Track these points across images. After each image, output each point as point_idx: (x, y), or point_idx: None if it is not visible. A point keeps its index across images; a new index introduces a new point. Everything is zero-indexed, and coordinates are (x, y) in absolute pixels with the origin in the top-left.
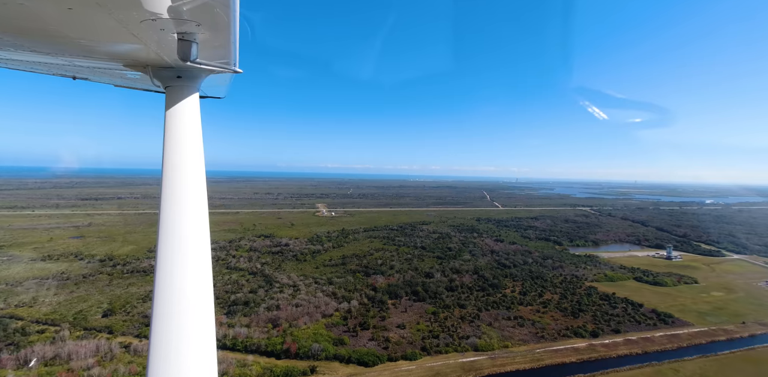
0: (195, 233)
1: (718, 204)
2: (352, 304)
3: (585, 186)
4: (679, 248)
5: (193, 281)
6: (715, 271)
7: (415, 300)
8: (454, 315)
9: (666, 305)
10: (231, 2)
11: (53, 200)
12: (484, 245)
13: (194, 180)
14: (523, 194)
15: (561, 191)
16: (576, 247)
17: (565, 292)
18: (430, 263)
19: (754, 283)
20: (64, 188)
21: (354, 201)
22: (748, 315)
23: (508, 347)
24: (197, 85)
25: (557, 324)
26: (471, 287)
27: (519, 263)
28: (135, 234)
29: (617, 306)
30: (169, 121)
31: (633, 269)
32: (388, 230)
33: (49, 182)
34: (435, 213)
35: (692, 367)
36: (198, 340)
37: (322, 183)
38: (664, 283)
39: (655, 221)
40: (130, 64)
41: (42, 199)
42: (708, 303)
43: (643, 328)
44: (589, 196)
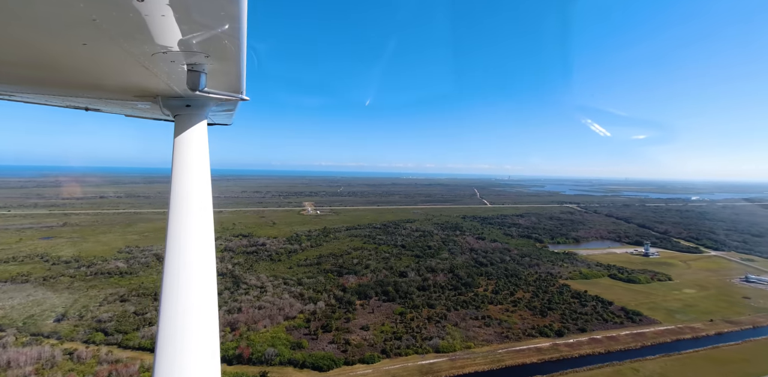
0: (201, 257)
1: (703, 201)
2: (318, 306)
3: (576, 183)
4: (658, 245)
5: (198, 307)
6: (691, 268)
7: (385, 300)
8: (422, 316)
9: (636, 302)
10: (239, 34)
11: (32, 199)
12: (464, 243)
13: (201, 207)
14: (513, 191)
15: (551, 189)
16: (556, 244)
17: (538, 290)
18: (407, 262)
19: (727, 280)
20: (47, 187)
21: (343, 199)
22: (717, 313)
23: (471, 348)
24: (205, 114)
25: (524, 324)
26: (444, 286)
27: (496, 261)
28: (108, 235)
29: (587, 304)
30: (177, 148)
31: (609, 266)
32: (371, 228)
33: (33, 181)
34: (422, 211)
35: (653, 367)
36: (203, 338)
37: (314, 181)
38: (638, 280)
39: (639, 217)
40: (140, 95)
41: (21, 198)
42: (679, 301)
43: (610, 327)
44: (578, 193)
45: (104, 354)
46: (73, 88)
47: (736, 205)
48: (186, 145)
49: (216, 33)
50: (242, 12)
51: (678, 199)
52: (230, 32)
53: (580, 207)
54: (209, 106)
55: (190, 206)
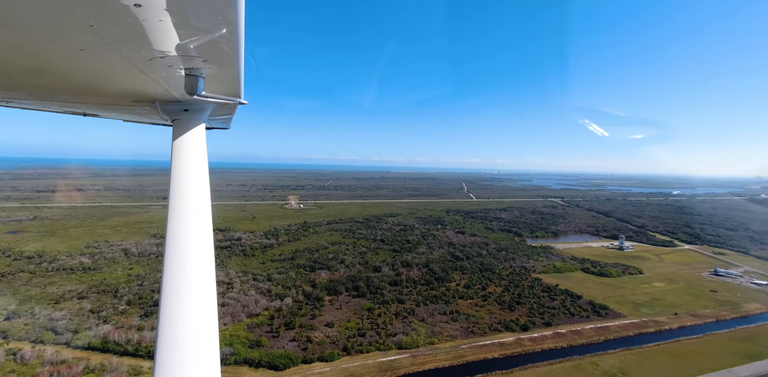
0: (200, 262)
1: (683, 195)
2: (284, 302)
3: (563, 178)
4: (634, 239)
5: (197, 309)
6: (663, 261)
7: (355, 296)
8: (390, 311)
9: (605, 296)
10: (237, 38)
11: (6, 192)
12: (443, 238)
13: (200, 210)
14: (500, 185)
15: (538, 183)
16: (535, 238)
17: (510, 284)
18: (384, 257)
19: (697, 273)
20: (24, 180)
21: (329, 193)
22: (683, 306)
23: (434, 343)
24: (203, 117)
25: (491, 318)
26: (416, 281)
27: (473, 255)
28: (78, 229)
29: (556, 298)
30: (176, 152)
31: (583, 260)
32: (352, 222)
33: (11, 173)
34: (407, 205)
35: (613, 361)
36: (202, 336)
37: (303, 175)
38: (609, 274)
39: (619, 211)
40: (138, 100)
41: None
42: (647, 294)
43: (575, 320)
44: (563, 187)
45: (50, 354)
46: (71, 93)
47: (715, 199)
48: (184, 149)
49: (214, 37)
50: (240, 16)
51: (659, 193)
52: (228, 36)
53: (563, 201)
54: (207, 110)
55: (188, 210)
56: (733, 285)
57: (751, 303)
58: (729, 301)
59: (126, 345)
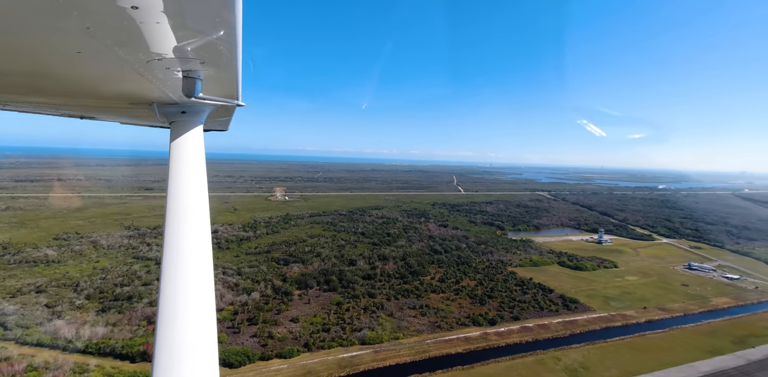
0: (198, 263)
1: (668, 189)
2: (251, 297)
3: (553, 171)
4: (614, 233)
5: (195, 314)
6: (639, 255)
7: (326, 290)
8: (359, 306)
9: (577, 290)
10: (235, 40)
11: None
12: (425, 231)
13: (197, 211)
14: (490, 178)
15: (528, 176)
16: (517, 231)
17: (484, 278)
18: (362, 250)
19: (671, 267)
20: (5, 169)
21: (317, 185)
22: (653, 300)
23: (399, 338)
24: (201, 120)
25: (461, 312)
26: (391, 275)
27: (451, 248)
28: (50, 220)
29: (528, 291)
30: (173, 154)
31: (561, 253)
32: (335, 215)
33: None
34: (394, 198)
35: (575, 356)
36: (201, 337)
37: (293, 166)
38: (585, 267)
39: (602, 205)
40: (135, 102)
41: None
42: (618, 288)
43: (544, 314)
44: (553, 181)
45: None
46: (68, 96)
47: (699, 194)
48: (182, 151)
49: (211, 39)
50: (237, 18)
51: (645, 187)
52: (225, 38)
53: (550, 195)
54: (205, 112)
55: (186, 212)
56: (705, 279)
57: (721, 297)
58: (699, 295)
59: (76, 341)
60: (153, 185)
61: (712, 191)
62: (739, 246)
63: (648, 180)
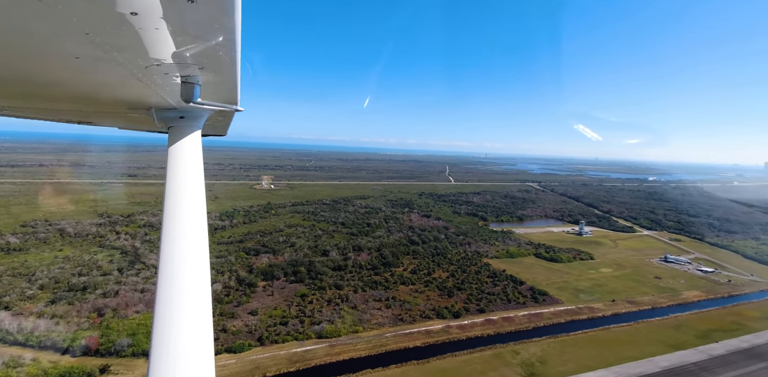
0: (194, 271)
1: (658, 181)
2: (213, 288)
3: (547, 162)
4: (597, 224)
5: (191, 303)
6: (618, 247)
7: (293, 282)
8: (324, 298)
9: (549, 282)
10: (234, 46)
11: None
12: (406, 221)
13: (195, 215)
14: (483, 169)
15: (522, 167)
16: (500, 222)
17: (457, 270)
18: (338, 240)
19: (647, 259)
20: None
21: (306, 174)
22: (623, 293)
23: (358, 332)
24: (199, 125)
25: (427, 305)
26: (363, 266)
27: (429, 239)
28: (21, 206)
29: (499, 283)
30: (171, 159)
31: (539, 245)
32: (319, 204)
33: None
34: (382, 187)
35: (534, 349)
36: (197, 335)
37: (287, 154)
38: (560, 259)
39: (590, 197)
40: (134, 107)
41: None
42: (591, 280)
43: (511, 307)
44: (545, 172)
45: None
46: (66, 102)
47: (687, 186)
48: (180, 156)
49: (210, 45)
50: (236, 24)
51: (635, 179)
52: (224, 44)
53: (540, 186)
54: (203, 117)
55: (184, 216)
56: (679, 272)
57: (692, 290)
58: (670, 288)
59: (17, 334)
60: (137, 172)
61: (700, 183)
62: (719, 239)
63: (640, 172)
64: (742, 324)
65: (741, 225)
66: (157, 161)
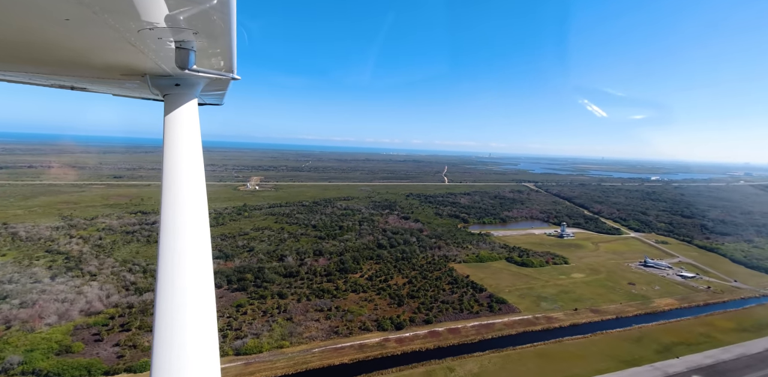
0: (195, 238)
1: (660, 181)
2: (143, 297)
3: (552, 162)
4: (582, 226)
5: (193, 283)
6: (598, 250)
7: (235, 290)
8: (261, 308)
9: (512, 288)
10: (229, 10)
11: None
12: (381, 223)
13: (193, 185)
14: (483, 169)
15: (523, 167)
16: (482, 224)
17: (418, 276)
18: (302, 244)
19: (626, 264)
20: None
21: (299, 175)
22: (589, 300)
23: (283, 347)
24: (195, 93)
25: (372, 315)
26: (317, 272)
27: (399, 243)
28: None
29: (457, 290)
30: (168, 128)
31: (514, 248)
32: (298, 206)
33: None
34: (371, 188)
35: (472, 366)
36: (201, 342)
37: (286, 155)
38: (531, 264)
39: (583, 197)
40: (127, 73)
41: None
42: (558, 286)
43: (463, 317)
44: (546, 172)
45: None
46: (57, 66)
47: (689, 186)
48: (176, 125)
49: (204, 8)
50: None
51: (637, 179)
52: (219, 8)
53: (535, 186)
54: (199, 85)
55: (181, 187)
56: (657, 277)
57: (666, 297)
58: (642, 295)
59: None
60: (125, 173)
61: (705, 183)
62: (708, 242)
63: (644, 171)
64: (711, 336)
65: (735, 227)
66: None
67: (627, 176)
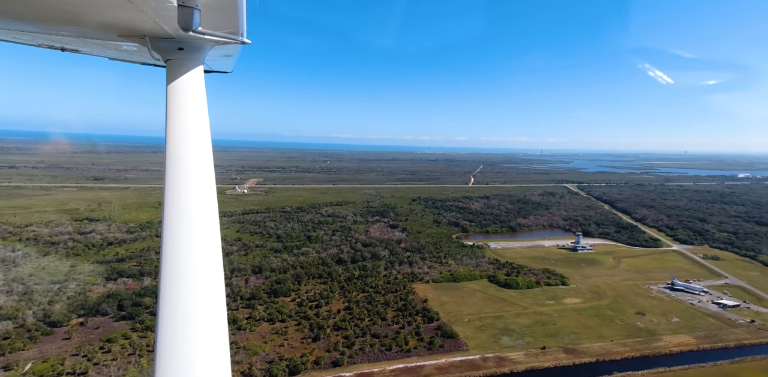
0: (201, 220)
1: (747, 179)
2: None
3: (616, 158)
4: (611, 236)
5: (200, 269)
6: (618, 267)
7: (121, 319)
8: (134, 344)
9: (475, 317)
10: None
11: None
12: (360, 233)
13: (200, 161)
14: (524, 168)
15: (577, 165)
16: (485, 234)
17: (363, 300)
18: (250, 259)
19: (646, 286)
20: None
21: (305, 176)
22: (569, 336)
23: None
24: (201, 58)
25: (271, 354)
26: (240, 294)
27: (365, 257)
28: None
29: (401, 320)
30: (171, 98)
31: (505, 264)
32: (278, 212)
33: None
34: (378, 191)
35: None
36: (209, 347)
37: (305, 155)
38: (516, 285)
39: (630, 200)
40: (125, 34)
41: None
42: (537, 315)
43: (389, 356)
44: (602, 170)
45: None
46: (46, 22)
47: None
48: (180, 94)
49: None
50: None
51: (718, 177)
52: None
53: (577, 187)
54: (205, 49)
55: (186, 162)
56: (682, 306)
57: (682, 334)
58: (648, 330)
59: None
60: (110, 175)
61: None
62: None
63: (735, 167)
64: None
65: None
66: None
67: (706, 174)
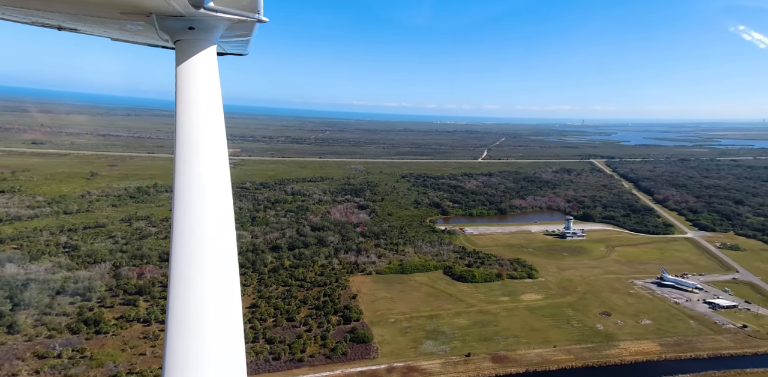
0: (215, 213)
1: None
2: None
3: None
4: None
5: (213, 272)
6: (608, 257)
7: None
8: None
9: (405, 316)
10: None
11: None
12: (317, 214)
13: (212, 148)
14: (552, 141)
15: (620, 137)
16: (468, 217)
17: (278, 295)
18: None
19: (630, 280)
20: None
21: (291, 147)
22: (507, 340)
23: None
24: (213, 39)
25: (121, 366)
26: (125, 288)
27: (308, 243)
28: None
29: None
30: (180, 83)
31: (472, 252)
32: (234, 188)
33: None
34: (367, 166)
35: None
36: (221, 348)
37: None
38: (472, 278)
39: (660, 178)
40: (129, 12)
41: None
42: (480, 314)
43: (273, 367)
44: (649, 142)
45: None
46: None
47: None
48: (191, 77)
49: None
50: None
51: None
52: None
53: (605, 163)
54: (218, 29)
55: (198, 150)
56: (664, 305)
57: (646, 340)
58: (606, 334)
59: None
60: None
61: None
62: None
63: None
64: None
65: None
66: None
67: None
